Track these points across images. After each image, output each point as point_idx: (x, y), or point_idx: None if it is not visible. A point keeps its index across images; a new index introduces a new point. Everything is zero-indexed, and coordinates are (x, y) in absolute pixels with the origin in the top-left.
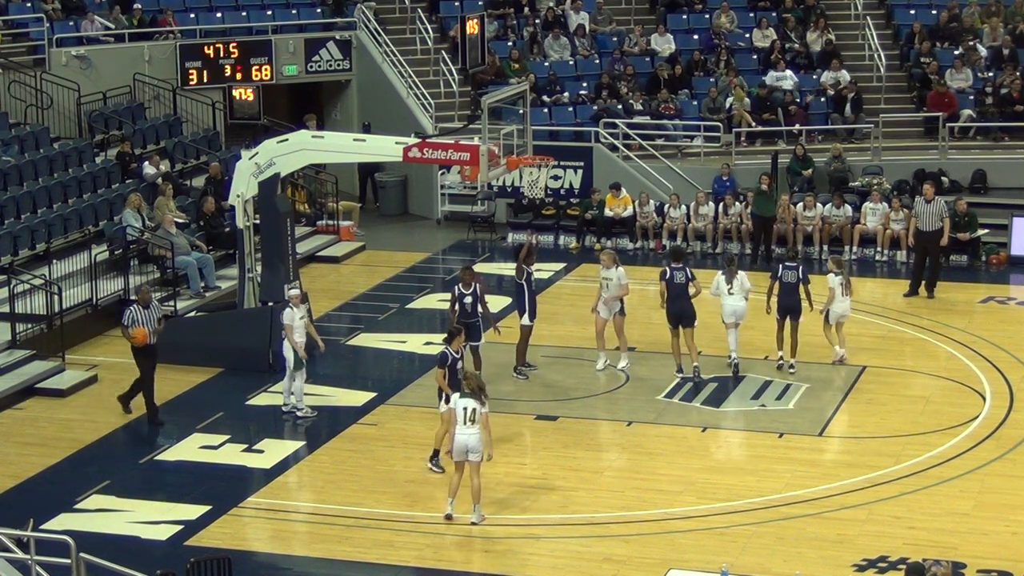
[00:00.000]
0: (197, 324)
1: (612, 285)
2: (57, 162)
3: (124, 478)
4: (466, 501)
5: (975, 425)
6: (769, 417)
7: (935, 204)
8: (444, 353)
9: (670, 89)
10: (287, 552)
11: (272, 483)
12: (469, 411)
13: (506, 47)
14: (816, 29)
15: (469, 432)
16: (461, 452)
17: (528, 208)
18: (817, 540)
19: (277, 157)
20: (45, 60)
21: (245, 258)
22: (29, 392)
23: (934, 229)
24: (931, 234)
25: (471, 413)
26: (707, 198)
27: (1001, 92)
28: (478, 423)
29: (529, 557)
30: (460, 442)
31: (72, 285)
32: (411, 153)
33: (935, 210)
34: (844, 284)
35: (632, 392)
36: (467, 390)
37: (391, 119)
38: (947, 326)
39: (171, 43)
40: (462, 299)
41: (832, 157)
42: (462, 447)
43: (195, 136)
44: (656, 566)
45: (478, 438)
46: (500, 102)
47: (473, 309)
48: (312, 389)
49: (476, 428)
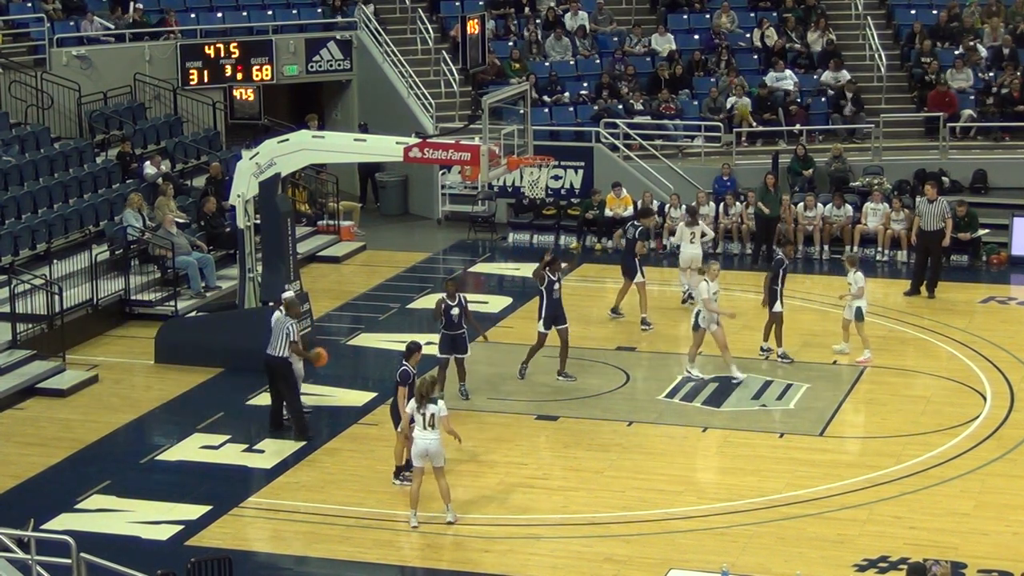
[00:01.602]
0: (197, 324)
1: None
2: (58, 162)
3: (124, 478)
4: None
5: (976, 425)
6: (770, 417)
7: (937, 204)
8: (405, 371)
9: (671, 89)
10: (287, 552)
11: (273, 483)
12: (428, 416)
13: (507, 47)
14: (817, 29)
15: (429, 437)
16: (421, 456)
17: (529, 208)
18: (818, 540)
19: (278, 157)
20: (46, 60)
21: (246, 258)
22: (30, 392)
23: (936, 229)
24: (933, 234)
25: (430, 418)
26: (708, 198)
27: (1002, 92)
28: (438, 427)
29: (529, 557)
30: (420, 447)
31: (73, 285)
32: (412, 153)
33: (937, 210)
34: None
35: (632, 392)
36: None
37: (392, 119)
38: (948, 326)
39: (172, 43)
40: (448, 311)
41: (833, 157)
42: (422, 451)
43: (195, 136)
44: (657, 566)
45: (438, 443)
46: (501, 102)
47: (459, 320)
48: (313, 389)
49: (436, 433)
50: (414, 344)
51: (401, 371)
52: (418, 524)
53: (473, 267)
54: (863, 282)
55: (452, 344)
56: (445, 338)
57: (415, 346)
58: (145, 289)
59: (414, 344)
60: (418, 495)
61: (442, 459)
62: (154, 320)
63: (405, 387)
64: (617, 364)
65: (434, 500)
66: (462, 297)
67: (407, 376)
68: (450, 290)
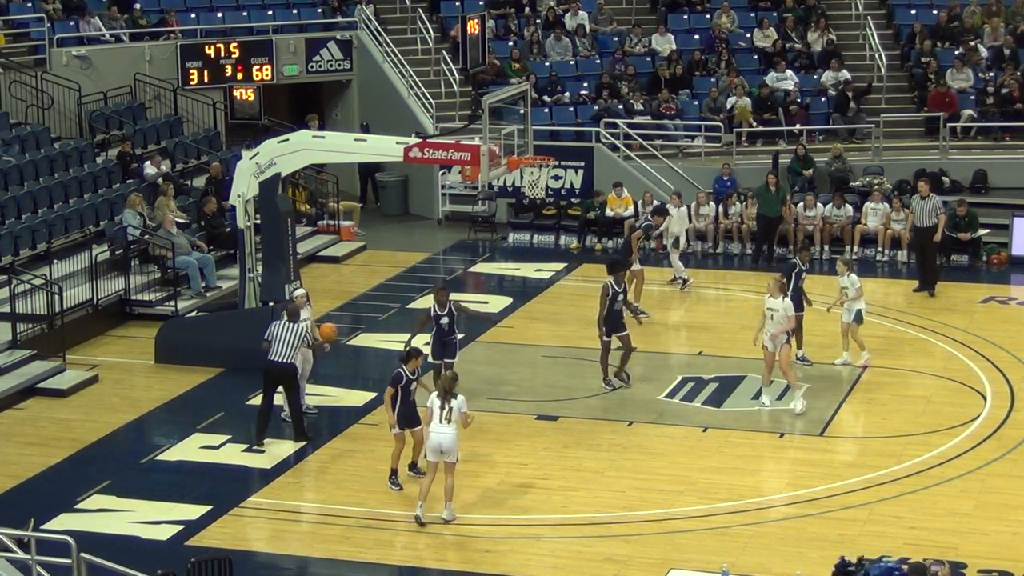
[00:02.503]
0: (198, 324)
1: (778, 317)
2: (58, 162)
3: (125, 478)
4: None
5: (976, 425)
6: (770, 417)
7: (930, 200)
8: (399, 372)
9: (671, 89)
10: (288, 552)
11: (273, 483)
12: (445, 410)
13: (507, 47)
14: (817, 29)
15: (444, 431)
16: (435, 451)
17: (529, 208)
18: (818, 540)
19: (278, 157)
20: (46, 60)
21: (246, 258)
22: (30, 392)
23: (929, 225)
24: (926, 230)
25: (448, 412)
26: (708, 198)
27: (1002, 92)
28: (454, 422)
29: (530, 557)
30: (434, 441)
31: (73, 285)
32: (412, 153)
33: (930, 207)
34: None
35: (632, 392)
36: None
37: (392, 119)
38: (948, 326)
39: (172, 43)
40: (438, 320)
41: (833, 157)
42: (436, 446)
43: (196, 136)
44: (657, 566)
45: (452, 438)
46: (501, 102)
47: (450, 328)
48: (313, 389)
49: (452, 428)
50: (414, 350)
51: (395, 373)
52: (425, 523)
53: (473, 267)
54: (859, 283)
55: (443, 349)
56: (436, 344)
57: (415, 352)
58: (145, 289)
59: (414, 350)
60: (428, 489)
61: (455, 455)
62: (154, 320)
63: (395, 388)
64: (617, 364)
65: (437, 501)
66: (452, 305)
67: (399, 378)
68: (441, 299)
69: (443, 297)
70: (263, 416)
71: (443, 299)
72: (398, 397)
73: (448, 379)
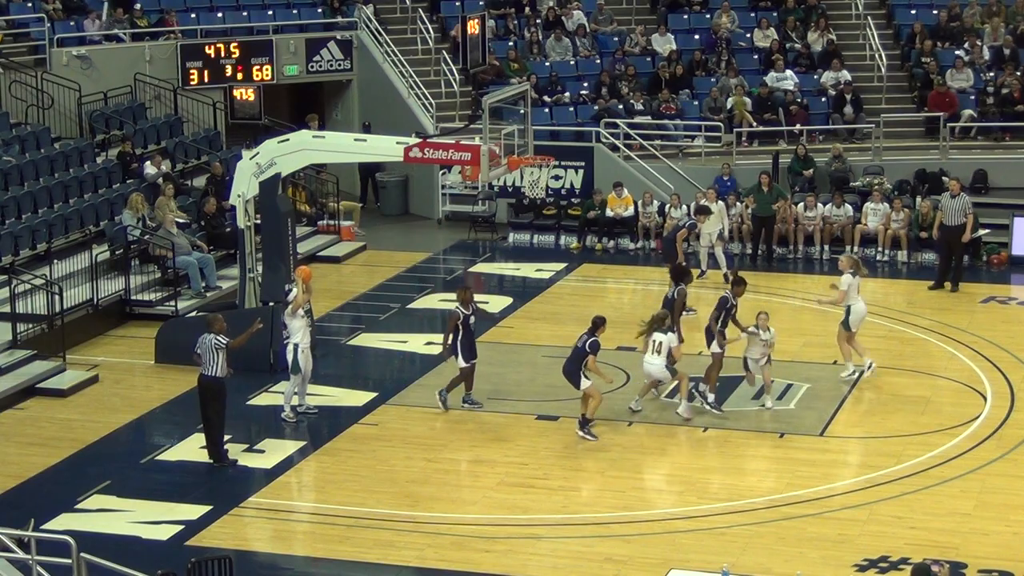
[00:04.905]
0: (198, 324)
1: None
2: (58, 162)
3: (125, 478)
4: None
5: (976, 425)
6: (770, 417)
7: (960, 199)
8: (595, 341)
9: (671, 89)
10: (288, 552)
11: (273, 483)
12: (656, 343)
13: (506, 47)
14: (817, 29)
15: (653, 362)
16: (647, 376)
17: (529, 208)
18: (818, 540)
19: (278, 157)
20: (46, 60)
21: (246, 258)
22: (30, 392)
23: (958, 224)
24: (955, 229)
25: (657, 345)
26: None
27: (1002, 92)
28: (663, 355)
29: (529, 557)
30: (645, 369)
31: (73, 285)
32: (412, 153)
33: (959, 205)
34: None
35: (633, 392)
36: (656, 327)
37: (392, 119)
38: (948, 326)
39: (172, 43)
40: (467, 321)
41: (833, 157)
42: (647, 373)
43: (196, 136)
44: (657, 566)
45: (660, 367)
46: (501, 102)
47: (474, 327)
48: (313, 389)
49: (660, 359)
50: (599, 318)
51: (591, 342)
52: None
53: (473, 267)
54: (846, 286)
55: (471, 349)
56: (466, 344)
57: (600, 320)
58: (145, 289)
59: (599, 318)
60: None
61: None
62: (154, 320)
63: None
64: (617, 364)
65: (436, 501)
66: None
67: (597, 346)
68: (466, 298)
69: (468, 296)
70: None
71: (467, 298)
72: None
73: (659, 315)
